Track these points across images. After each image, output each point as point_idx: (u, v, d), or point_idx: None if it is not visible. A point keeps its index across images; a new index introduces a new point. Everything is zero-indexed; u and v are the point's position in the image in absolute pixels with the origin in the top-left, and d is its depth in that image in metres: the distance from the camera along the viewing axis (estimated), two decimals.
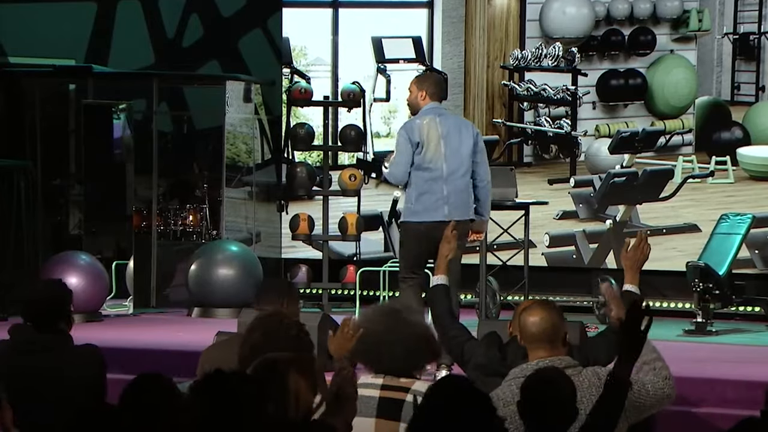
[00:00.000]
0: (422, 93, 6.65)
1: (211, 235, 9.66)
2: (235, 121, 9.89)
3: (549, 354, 3.95)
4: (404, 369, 3.88)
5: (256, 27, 10.61)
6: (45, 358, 4.62)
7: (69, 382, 4.53)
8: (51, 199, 9.79)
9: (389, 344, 3.88)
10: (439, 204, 6.52)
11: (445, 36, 10.02)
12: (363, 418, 3.71)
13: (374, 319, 3.93)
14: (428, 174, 6.53)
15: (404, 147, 6.56)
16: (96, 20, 10.51)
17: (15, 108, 9.95)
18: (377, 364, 3.89)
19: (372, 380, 3.84)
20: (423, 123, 6.60)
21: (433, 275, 4.82)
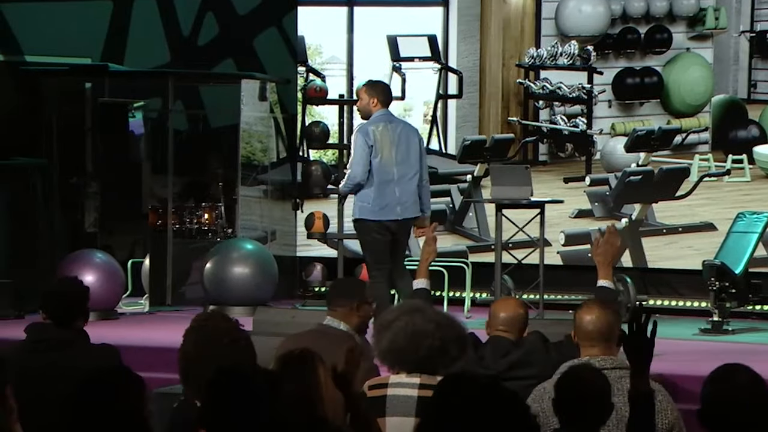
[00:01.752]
0: (374, 100, 7.23)
1: (227, 233, 9.67)
2: (250, 119, 9.90)
3: (602, 353, 3.97)
4: (438, 365, 3.86)
5: (272, 25, 10.62)
6: (61, 355, 4.62)
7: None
8: (67, 197, 9.82)
9: (422, 341, 3.86)
10: (393, 205, 7.20)
11: (461, 34, 10.01)
12: (402, 417, 3.69)
13: (402, 317, 3.90)
14: (382, 177, 7.16)
15: (362, 149, 7.13)
16: (112, 19, 10.53)
17: (32, 107, 9.98)
18: (410, 363, 3.86)
19: (408, 379, 3.82)
20: (377, 129, 7.17)
21: (415, 279, 4.91)
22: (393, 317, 3.92)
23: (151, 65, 10.38)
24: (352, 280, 6.92)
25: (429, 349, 3.84)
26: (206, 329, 3.73)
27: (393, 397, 3.77)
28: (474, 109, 9.98)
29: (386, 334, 3.88)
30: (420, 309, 3.94)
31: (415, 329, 3.84)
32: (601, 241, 4.49)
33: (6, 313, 8.39)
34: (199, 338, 3.70)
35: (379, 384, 3.86)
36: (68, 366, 4.58)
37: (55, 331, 4.70)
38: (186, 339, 3.76)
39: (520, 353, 4.43)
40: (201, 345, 3.65)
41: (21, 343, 4.76)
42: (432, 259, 5.00)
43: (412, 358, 3.84)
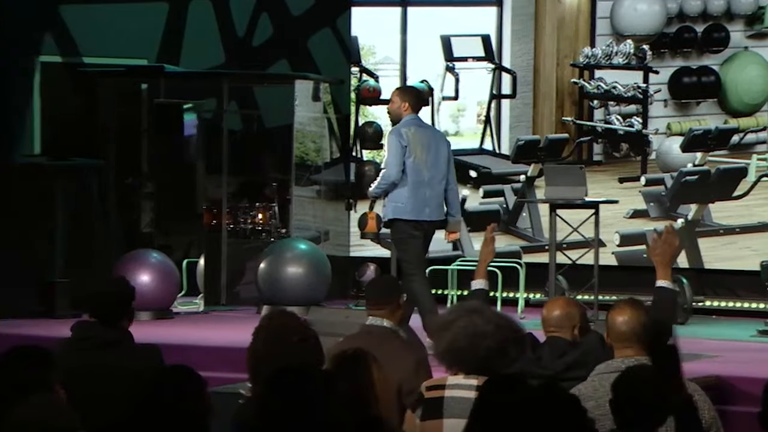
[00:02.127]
0: (405, 104, 7.34)
1: (280, 233, 9.71)
2: (304, 119, 9.93)
3: (636, 354, 3.93)
4: (497, 367, 3.83)
5: (326, 26, 10.64)
6: (105, 354, 4.66)
7: (128, 379, 4.56)
8: (123, 197, 9.91)
9: (482, 342, 3.84)
10: (423, 206, 7.36)
11: (515, 34, 9.97)
12: (459, 419, 3.67)
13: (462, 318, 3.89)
14: (415, 177, 7.31)
15: (396, 149, 7.28)
16: (168, 20, 10.62)
17: (89, 108, 10.09)
18: (469, 364, 3.84)
19: (465, 381, 3.80)
20: (409, 131, 7.31)
21: (473, 279, 4.91)
22: (453, 317, 3.90)
23: (206, 66, 10.45)
24: (389, 277, 6.92)
25: (488, 350, 3.82)
26: (275, 328, 3.75)
27: (451, 399, 3.75)
28: (528, 109, 9.94)
29: (445, 334, 3.86)
30: (479, 310, 3.92)
31: (474, 330, 3.82)
32: (659, 241, 4.44)
33: (63, 313, 8.48)
34: (268, 337, 3.72)
35: (437, 385, 3.85)
36: (112, 365, 4.62)
37: (101, 330, 4.73)
38: (255, 338, 3.79)
39: (577, 354, 4.40)
40: (270, 344, 3.68)
41: (67, 341, 4.81)
42: (490, 259, 5.01)
43: (471, 359, 3.82)
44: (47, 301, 8.61)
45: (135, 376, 4.52)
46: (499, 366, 3.83)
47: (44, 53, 10.27)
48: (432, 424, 3.77)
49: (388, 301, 4.74)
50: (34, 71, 10.23)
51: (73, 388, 4.44)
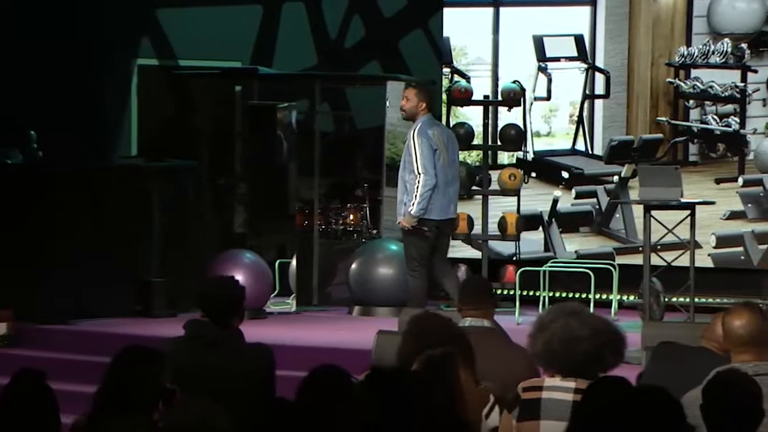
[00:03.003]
0: (423, 104, 7.64)
1: (371, 233, 9.73)
2: (395, 120, 9.93)
3: (754, 358, 3.86)
4: (594, 369, 3.79)
5: (417, 27, 10.65)
6: (217, 353, 4.69)
7: (239, 378, 4.61)
8: (217, 198, 10.03)
9: (578, 346, 3.81)
10: (449, 204, 7.68)
11: (608, 33, 9.86)
12: (557, 421, 3.65)
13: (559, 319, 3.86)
14: (443, 178, 7.58)
15: (430, 154, 7.57)
16: (261, 22, 10.73)
17: (184, 110, 10.24)
18: (564, 366, 3.81)
19: (563, 383, 3.77)
20: (434, 134, 7.61)
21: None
22: (550, 319, 3.87)
23: (299, 68, 10.53)
24: (482, 278, 6.91)
25: (584, 354, 3.78)
26: (424, 330, 3.78)
27: (548, 401, 3.73)
28: (621, 109, 9.82)
29: (542, 335, 3.84)
30: (577, 312, 3.88)
31: (571, 334, 3.79)
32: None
33: (160, 312, 8.62)
34: (418, 339, 3.75)
35: (534, 386, 3.83)
36: (223, 363, 4.66)
37: (213, 329, 4.77)
38: (405, 340, 3.82)
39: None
40: (421, 345, 3.70)
41: (179, 339, 4.86)
42: None
43: (567, 362, 3.79)
44: (144, 300, 8.75)
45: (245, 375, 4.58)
46: (595, 370, 3.79)
47: (141, 56, 10.46)
48: (529, 425, 3.75)
49: (487, 301, 4.74)
50: (132, 74, 10.42)
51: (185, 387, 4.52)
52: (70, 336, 8.14)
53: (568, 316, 3.85)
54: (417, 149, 7.51)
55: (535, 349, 3.86)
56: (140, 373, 3.56)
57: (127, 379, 3.51)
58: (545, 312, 3.97)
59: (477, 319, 4.73)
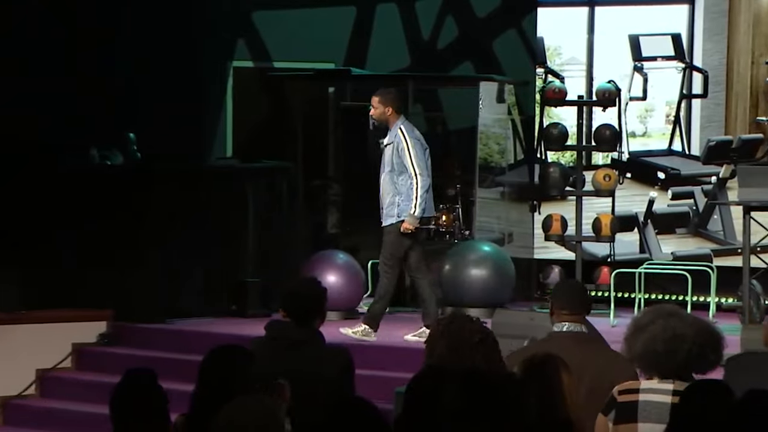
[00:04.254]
0: (389, 109, 7.64)
1: (464, 235, 9.71)
2: (488, 121, 9.91)
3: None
4: (695, 369, 3.73)
5: (511, 27, 10.59)
6: (296, 354, 4.72)
7: (317, 379, 4.61)
8: (311, 199, 10.11)
9: (681, 346, 3.75)
10: (431, 202, 7.81)
11: (707, 32, 9.69)
12: (655, 424, 3.61)
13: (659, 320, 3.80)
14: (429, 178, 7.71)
15: (422, 154, 7.65)
16: (355, 23, 10.78)
17: (278, 111, 10.34)
18: (666, 368, 3.75)
19: (660, 385, 3.73)
20: (419, 134, 7.74)
21: None
22: (648, 320, 3.81)
23: (392, 69, 10.56)
24: (579, 283, 6.81)
25: (687, 353, 3.72)
26: (454, 331, 3.77)
27: (645, 403, 3.68)
28: (720, 108, 9.65)
29: (641, 337, 3.78)
30: (676, 313, 3.82)
31: (673, 333, 3.73)
32: None
33: (254, 312, 8.71)
34: (450, 341, 3.74)
35: (631, 389, 3.78)
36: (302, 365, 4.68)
37: (294, 329, 4.80)
38: (435, 344, 3.81)
39: None
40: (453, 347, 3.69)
41: (260, 340, 4.89)
42: None
43: (669, 363, 3.73)
44: (239, 300, 8.85)
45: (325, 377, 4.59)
46: (696, 370, 3.73)
47: (236, 58, 10.58)
48: (626, 428, 3.71)
49: (583, 306, 4.66)
50: (228, 76, 10.55)
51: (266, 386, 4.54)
52: (167, 335, 8.27)
53: (666, 317, 3.80)
54: (411, 150, 7.58)
55: (633, 351, 3.81)
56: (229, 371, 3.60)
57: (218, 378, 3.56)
58: (641, 314, 3.91)
59: (575, 324, 4.67)
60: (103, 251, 8.51)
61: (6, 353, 8.13)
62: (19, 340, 8.19)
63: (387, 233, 7.71)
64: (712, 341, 3.79)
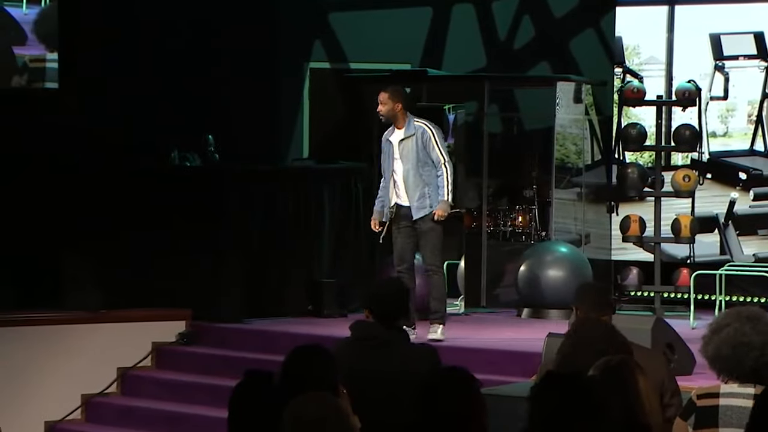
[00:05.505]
0: (398, 105, 7.71)
1: (540, 236, 9.65)
2: (564, 121, 9.83)
3: None
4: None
5: (589, 26, 10.50)
6: (384, 354, 4.72)
7: (405, 379, 4.61)
8: None
9: (748, 353, 3.68)
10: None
11: None
12: (736, 429, 3.55)
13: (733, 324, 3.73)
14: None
15: (444, 144, 7.77)
16: (431, 24, 10.78)
17: (354, 112, 10.37)
18: (736, 373, 3.69)
19: (741, 389, 3.67)
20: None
21: None
22: (725, 323, 3.75)
23: (468, 69, 10.53)
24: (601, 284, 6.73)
25: (755, 361, 3.65)
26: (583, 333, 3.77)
27: (726, 408, 3.62)
28: None
29: (714, 339, 3.73)
30: (753, 318, 3.74)
31: (741, 340, 3.66)
32: None
33: (330, 312, 8.75)
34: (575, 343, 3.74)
35: (711, 393, 3.72)
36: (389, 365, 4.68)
37: (379, 329, 4.81)
38: (564, 342, 3.82)
39: None
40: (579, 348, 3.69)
41: (346, 341, 4.91)
42: None
43: (737, 368, 3.67)
44: (315, 300, 8.90)
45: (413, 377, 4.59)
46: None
47: (313, 59, 10.64)
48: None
49: (608, 307, 4.66)
50: (305, 77, 10.61)
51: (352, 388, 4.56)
52: (244, 334, 8.34)
53: (743, 321, 3.72)
54: (438, 141, 7.65)
55: (706, 353, 3.76)
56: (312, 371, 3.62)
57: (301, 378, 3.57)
58: (722, 315, 3.84)
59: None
60: (183, 252, 8.61)
61: (88, 352, 8.27)
62: (101, 339, 8.32)
63: (427, 231, 7.64)
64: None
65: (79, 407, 8.17)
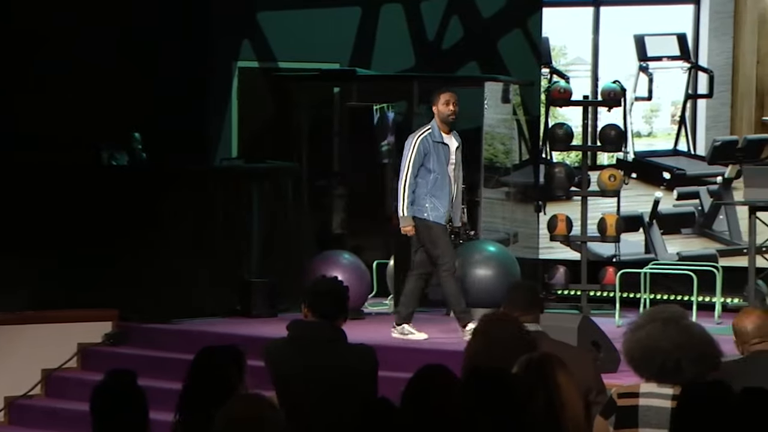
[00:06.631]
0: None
1: (469, 235, 9.71)
2: (493, 121, 9.90)
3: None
4: (678, 378, 3.71)
5: (516, 27, 10.59)
6: (322, 353, 4.70)
7: (343, 377, 4.61)
8: (316, 199, 10.11)
9: (655, 356, 3.73)
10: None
11: (713, 32, 9.68)
12: (654, 429, 3.59)
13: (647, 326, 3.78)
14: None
15: None
16: (360, 24, 10.78)
17: (283, 111, 10.34)
18: (646, 373, 3.73)
19: (659, 389, 3.70)
20: None
21: None
22: (641, 323, 3.80)
23: (397, 69, 10.56)
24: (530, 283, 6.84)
25: (661, 366, 3.70)
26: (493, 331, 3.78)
27: (646, 408, 3.66)
28: (725, 108, 9.64)
29: (629, 339, 3.78)
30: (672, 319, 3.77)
31: (649, 343, 3.70)
32: None
33: (259, 312, 8.71)
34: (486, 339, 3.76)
35: (630, 393, 3.76)
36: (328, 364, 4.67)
37: (320, 328, 4.78)
38: (473, 339, 3.83)
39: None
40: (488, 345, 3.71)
41: (282, 340, 4.87)
42: None
43: (648, 370, 3.72)
44: (244, 300, 8.85)
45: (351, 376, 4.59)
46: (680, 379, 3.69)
47: (242, 59, 10.59)
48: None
49: (537, 306, 4.74)
50: (233, 76, 10.56)
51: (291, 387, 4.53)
52: (172, 335, 8.28)
53: (657, 324, 3.75)
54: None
55: (623, 352, 3.81)
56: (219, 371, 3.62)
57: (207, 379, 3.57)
58: (641, 315, 3.89)
59: (530, 324, 4.71)
60: (110, 251, 8.52)
61: (12, 353, 8.15)
62: (25, 340, 8.20)
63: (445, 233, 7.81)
64: (692, 354, 3.72)
65: (2, 410, 8.05)
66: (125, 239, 8.54)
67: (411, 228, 7.76)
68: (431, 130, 7.81)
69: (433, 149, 7.74)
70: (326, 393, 4.46)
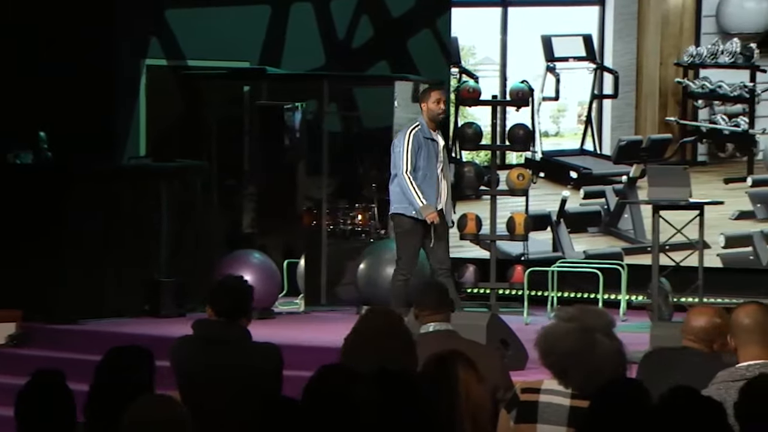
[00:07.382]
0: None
1: (380, 234, 9.73)
2: (403, 120, 9.91)
3: (762, 356, 3.77)
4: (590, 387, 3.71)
5: (425, 27, 10.65)
6: (226, 352, 4.68)
7: (247, 377, 4.60)
8: (225, 198, 10.04)
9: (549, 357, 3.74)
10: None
11: (617, 33, 9.84)
12: (553, 426, 3.62)
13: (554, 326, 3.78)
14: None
15: None
16: (270, 22, 10.74)
17: (193, 110, 10.25)
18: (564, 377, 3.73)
19: (559, 387, 3.72)
20: None
21: None
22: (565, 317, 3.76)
23: (307, 68, 10.54)
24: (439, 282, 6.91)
25: (551, 364, 3.71)
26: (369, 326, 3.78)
27: (546, 405, 3.67)
28: (630, 109, 9.81)
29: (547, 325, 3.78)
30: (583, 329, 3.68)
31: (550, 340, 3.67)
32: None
33: (168, 312, 8.63)
34: (365, 334, 3.76)
35: (532, 388, 3.78)
36: (233, 363, 4.66)
37: (221, 328, 4.76)
38: (348, 336, 3.82)
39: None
40: (364, 341, 3.71)
41: (187, 338, 4.84)
42: None
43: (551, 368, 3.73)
44: (153, 300, 8.76)
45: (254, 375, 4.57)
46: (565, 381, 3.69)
47: (150, 56, 10.47)
48: (526, 428, 3.71)
49: (446, 305, 4.79)
50: (141, 74, 10.43)
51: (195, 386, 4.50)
52: (78, 335, 8.15)
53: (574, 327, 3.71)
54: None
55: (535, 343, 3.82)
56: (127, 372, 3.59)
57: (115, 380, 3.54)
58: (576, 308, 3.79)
59: (440, 323, 4.76)
60: (14, 250, 8.36)
61: None
62: None
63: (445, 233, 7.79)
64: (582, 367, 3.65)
65: None
66: (30, 239, 8.39)
67: (434, 214, 7.64)
68: (420, 126, 7.79)
69: (423, 145, 7.74)
70: (230, 392, 4.43)
